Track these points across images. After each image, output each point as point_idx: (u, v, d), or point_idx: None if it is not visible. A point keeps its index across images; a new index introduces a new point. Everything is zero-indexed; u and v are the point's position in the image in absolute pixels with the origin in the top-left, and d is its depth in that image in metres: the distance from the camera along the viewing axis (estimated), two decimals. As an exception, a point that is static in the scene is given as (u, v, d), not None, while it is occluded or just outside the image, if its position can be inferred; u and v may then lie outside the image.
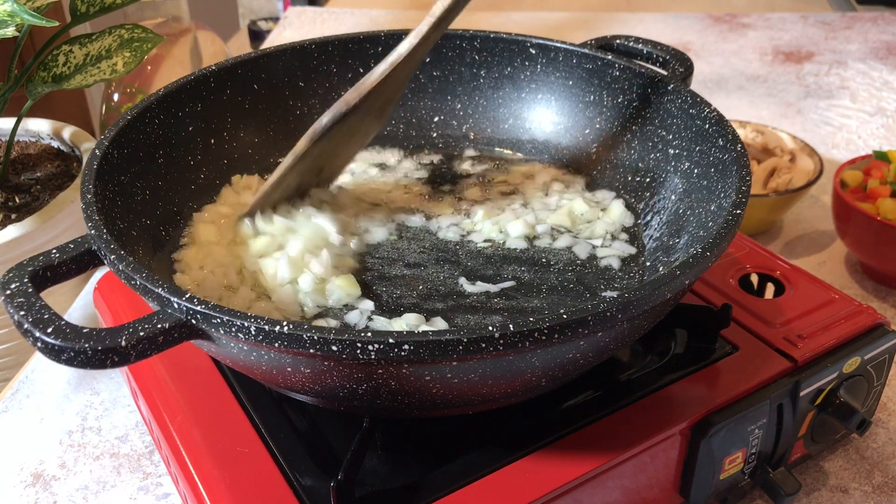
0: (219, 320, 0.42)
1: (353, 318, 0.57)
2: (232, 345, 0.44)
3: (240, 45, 2.64)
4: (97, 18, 0.92)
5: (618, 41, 0.73)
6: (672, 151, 0.65)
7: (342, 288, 0.58)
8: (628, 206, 0.67)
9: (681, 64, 0.68)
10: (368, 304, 0.58)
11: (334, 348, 0.40)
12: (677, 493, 0.56)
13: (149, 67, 1.30)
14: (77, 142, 1.04)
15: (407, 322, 0.56)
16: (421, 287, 0.60)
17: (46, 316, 0.43)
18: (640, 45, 0.72)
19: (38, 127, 1.07)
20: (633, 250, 0.64)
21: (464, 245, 0.65)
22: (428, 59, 0.76)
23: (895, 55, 1.35)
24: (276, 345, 0.41)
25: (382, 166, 0.75)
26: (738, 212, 0.50)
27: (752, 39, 1.43)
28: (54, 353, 0.42)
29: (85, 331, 0.42)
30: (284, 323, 0.41)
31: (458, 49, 0.75)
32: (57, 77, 0.91)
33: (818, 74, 1.29)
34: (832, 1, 1.70)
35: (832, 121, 1.15)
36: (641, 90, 0.68)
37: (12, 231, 0.88)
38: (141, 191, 0.61)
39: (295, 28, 1.51)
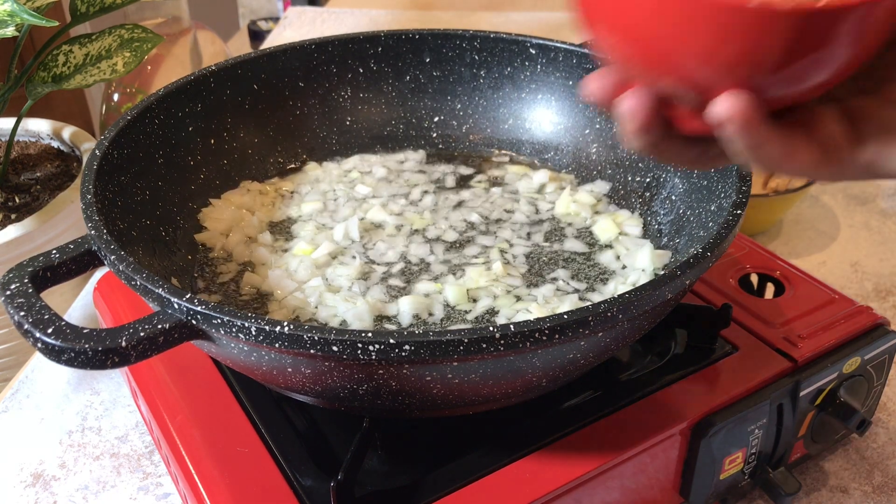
0: (219, 321, 0.42)
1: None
2: (232, 345, 0.44)
3: (240, 45, 2.64)
4: (97, 18, 0.92)
5: (618, 41, 0.73)
6: (672, 151, 0.65)
7: (363, 308, 0.57)
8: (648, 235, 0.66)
9: (681, 64, 0.68)
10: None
11: (335, 349, 0.40)
12: (677, 494, 0.56)
13: (149, 67, 1.30)
14: (77, 142, 1.04)
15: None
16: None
17: (46, 316, 0.43)
18: (640, 46, 0.71)
19: (38, 127, 1.07)
20: (633, 250, 0.64)
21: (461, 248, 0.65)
22: (428, 59, 0.76)
23: (895, 55, 1.34)
24: (277, 345, 0.41)
25: (383, 167, 0.75)
26: (739, 212, 0.50)
27: (752, 39, 1.42)
28: (54, 354, 0.42)
29: (85, 331, 0.42)
30: (285, 323, 0.41)
31: (458, 49, 0.75)
32: (57, 77, 0.91)
33: (818, 74, 1.29)
34: (832, 1, 1.70)
35: (832, 121, 1.15)
36: (641, 90, 0.68)
37: (12, 231, 0.88)
38: (141, 191, 0.60)
39: (295, 28, 1.51)
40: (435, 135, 0.78)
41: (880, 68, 0.37)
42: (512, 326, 0.40)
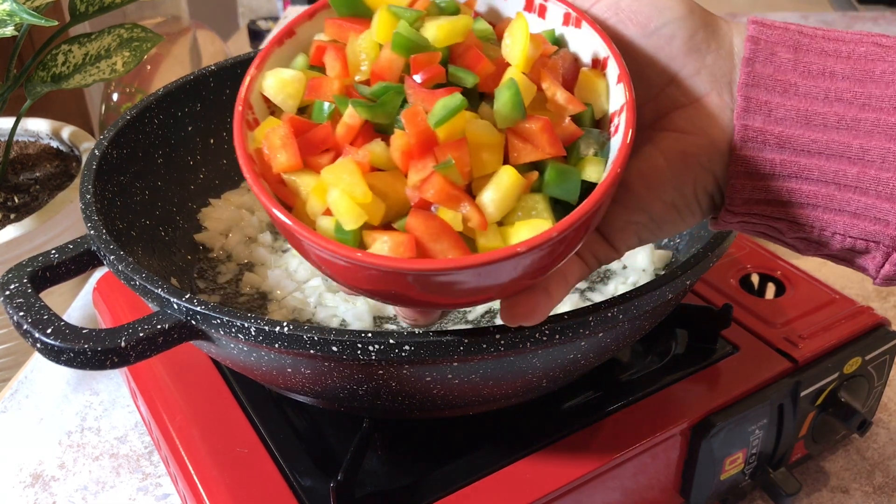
0: (219, 321, 0.42)
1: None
2: (232, 345, 0.44)
3: (240, 45, 2.64)
4: (96, 18, 0.92)
5: (618, 41, 0.73)
6: (672, 151, 0.65)
7: (363, 308, 0.58)
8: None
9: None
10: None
11: (334, 349, 0.40)
12: (678, 494, 0.56)
13: (148, 67, 1.30)
14: (76, 142, 1.04)
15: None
16: None
17: (46, 317, 0.43)
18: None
19: (38, 127, 1.07)
20: (633, 250, 0.64)
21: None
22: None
23: (895, 55, 1.34)
24: (277, 345, 0.41)
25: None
26: (739, 212, 0.50)
27: (752, 39, 1.42)
28: (54, 354, 0.42)
29: (84, 331, 0.42)
30: (284, 324, 0.41)
31: (458, 49, 0.75)
32: (56, 77, 0.91)
33: (818, 74, 1.29)
34: (833, 1, 1.70)
35: (832, 120, 1.15)
36: (642, 90, 0.68)
37: (12, 231, 0.88)
38: (141, 191, 0.60)
39: (295, 28, 1.51)
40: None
41: None
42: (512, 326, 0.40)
